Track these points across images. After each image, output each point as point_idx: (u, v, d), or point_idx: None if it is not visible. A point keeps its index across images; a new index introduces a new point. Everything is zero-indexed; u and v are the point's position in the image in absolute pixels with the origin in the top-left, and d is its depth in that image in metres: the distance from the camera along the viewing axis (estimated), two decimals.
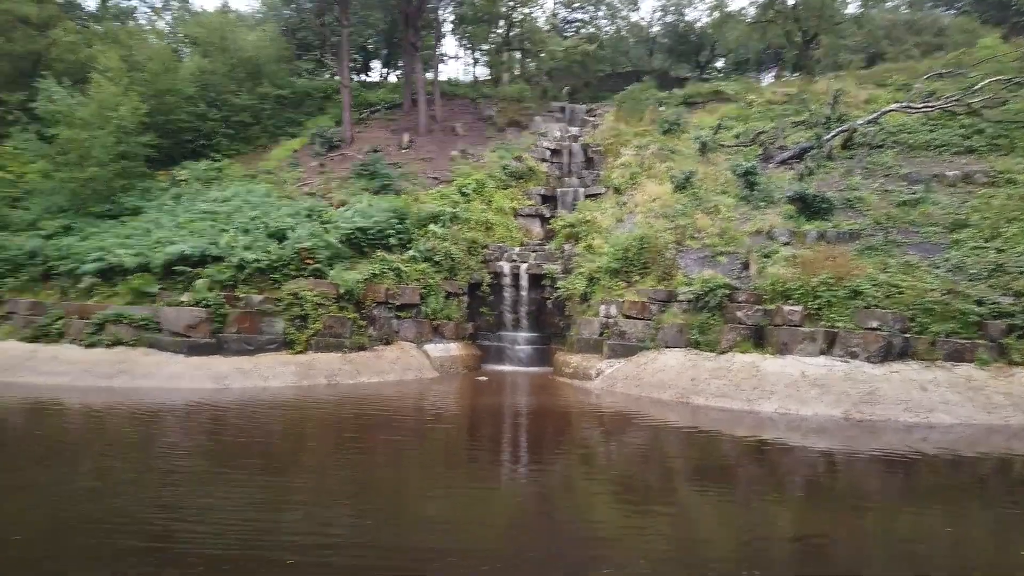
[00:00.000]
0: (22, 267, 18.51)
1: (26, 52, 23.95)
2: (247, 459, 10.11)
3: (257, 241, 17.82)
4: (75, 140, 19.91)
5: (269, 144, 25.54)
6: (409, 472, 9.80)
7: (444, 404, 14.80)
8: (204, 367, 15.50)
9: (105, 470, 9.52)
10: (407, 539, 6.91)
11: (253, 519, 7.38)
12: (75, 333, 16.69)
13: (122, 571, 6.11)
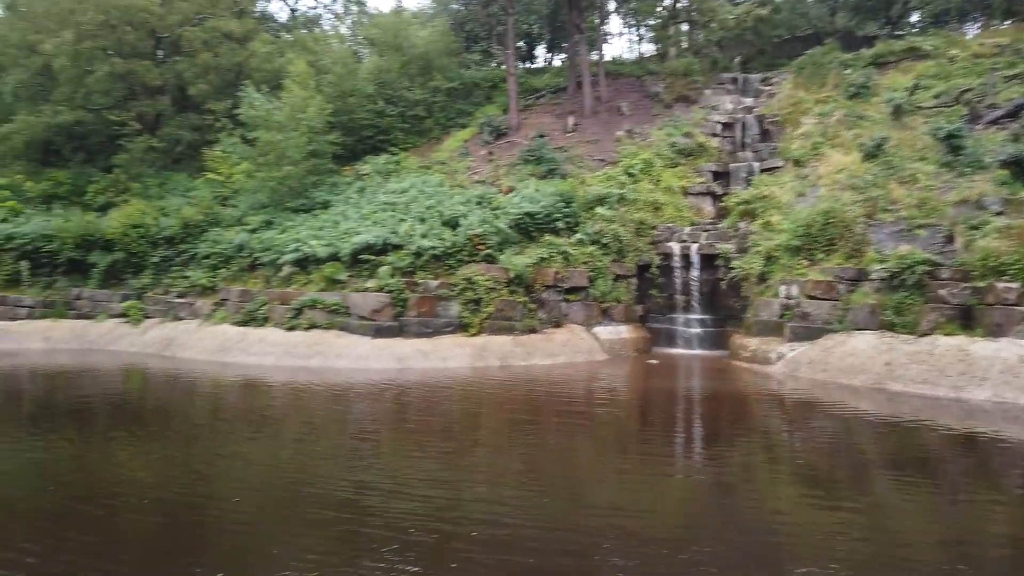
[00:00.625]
0: (232, 259, 20.70)
1: (230, 64, 26.59)
2: (429, 436, 10.62)
3: (433, 229, 18.64)
4: (272, 142, 21.85)
5: (441, 135, 26.56)
6: (582, 454, 9.83)
7: (616, 387, 14.71)
8: (388, 349, 16.50)
9: (305, 443, 10.40)
10: (580, 520, 6.93)
11: (436, 495, 7.73)
12: (277, 317, 18.41)
13: (319, 539, 6.64)
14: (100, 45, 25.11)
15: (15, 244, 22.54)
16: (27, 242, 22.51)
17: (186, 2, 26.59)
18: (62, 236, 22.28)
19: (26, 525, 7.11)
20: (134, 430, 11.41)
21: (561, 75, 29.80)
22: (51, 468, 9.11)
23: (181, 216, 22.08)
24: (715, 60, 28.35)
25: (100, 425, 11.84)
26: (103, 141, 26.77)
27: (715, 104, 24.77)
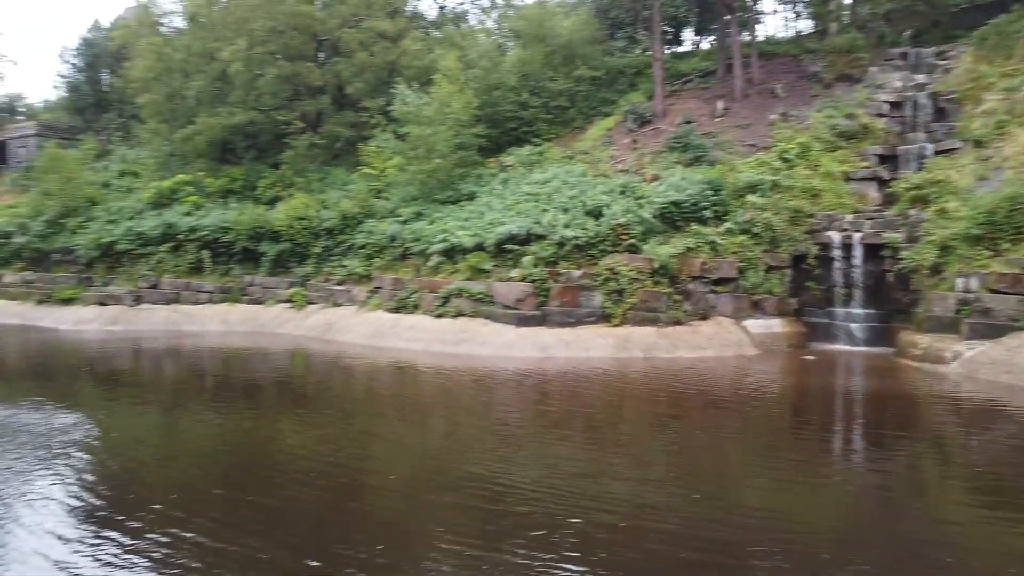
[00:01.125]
0: (385, 249, 21.73)
1: (384, 63, 27.84)
2: (572, 426, 10.63)
3: (575, 219, 18.60)
4: (422, 136, 22.65)
5: (584, 125, 26.41)
6: (731, 453, 9.46)
7: (767, 383, 14.03)
8: (531, 337, 16.68)
9: (452, 427, 10.74)
10: (730, 520, 6.65)
11: (581, 485, 7.71)
12: (427, 305, 19.13)
13: (466, 521, 6.81)
14: (269, 50, 27.09)
15: (198, 235, 24.93)
16: (207, 233, 24.83)
17: (344, 5, 28.11)
18: (237, 228, 24.35)
19: (203, 493, 7.83)
20: (298, 408, 12.28)
21: (710, 58, 28.73)
22: (227, 440, 9.99)
23: (340, 209, 23.46)
24: (882, 35, 26.19)
25: (269, 402, 12.84)
26: (271, 139, 28.94)
27: (881, 82, 22.88)
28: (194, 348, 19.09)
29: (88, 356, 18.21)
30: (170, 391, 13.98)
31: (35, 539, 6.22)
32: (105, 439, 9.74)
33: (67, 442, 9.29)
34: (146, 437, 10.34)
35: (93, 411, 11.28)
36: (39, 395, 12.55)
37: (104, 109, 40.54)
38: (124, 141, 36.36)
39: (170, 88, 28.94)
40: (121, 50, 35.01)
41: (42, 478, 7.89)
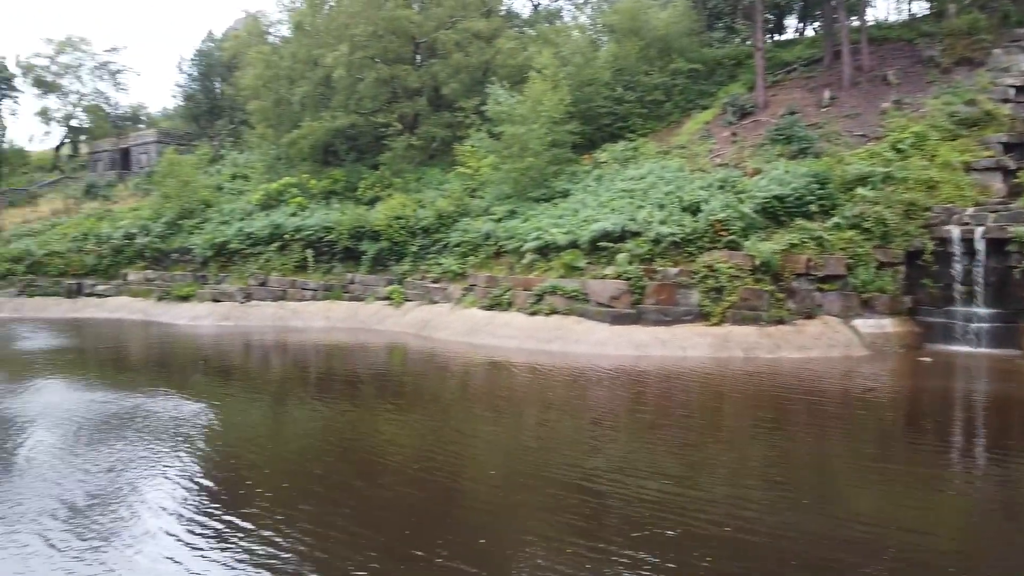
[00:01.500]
0: (480, 247, 21.97)
1: (479, 63, 28.17)
2: (669, 427, 10.41)
3: (672, 215, 18.21)
4: (515, 135, 22.75)
5: (681, 119, 25.84)
6: (837, 457, 9.01)
7: (878, 386, 13.28)
8: (626, 335, 16.46)
9: (546, 425, 10.72)
10: (838, 531, 6.29)
11: (678, 490, 7.53)
12: (520, 303, 19.21)
13: (560, 520, 6.77)
14: (369, 54, 27.92)
15: (303, 235, 26.01)
16: (311, 233, 25.86)
17: (440, 7, 28.61)
18: (339, 228, 25.24)
19: (309, 482, 8.12)
20: (397, 402, 12.59)
21: (815, 45, 27.52)
22: (331, 432, 10.35)
23: (436, 208, 23.91)
24: (1006, 14, 24.30)
25: (369, 396, 13.23)
26: (371, 141, 29.84)
27: (1007, 65, 21.23)
28: (299, 343, 19.92)
29: (204, 350, 19.33)
30: (279, 384, 14.64)
31: (158, 519, 6.64)
32: (221, 427, 10.30)
33: (190, 429, 9.88)
34: (257, 427, 10.87)
35: (211, 401, 11.93)
36: (165, 385, 13.40)
37: (217, 116, 42.90)
38: (235, 146, 38.36)
39: (277, 94, 30.29)
40: (232, 60, 36.96)
41: (167, 462, 8.41)
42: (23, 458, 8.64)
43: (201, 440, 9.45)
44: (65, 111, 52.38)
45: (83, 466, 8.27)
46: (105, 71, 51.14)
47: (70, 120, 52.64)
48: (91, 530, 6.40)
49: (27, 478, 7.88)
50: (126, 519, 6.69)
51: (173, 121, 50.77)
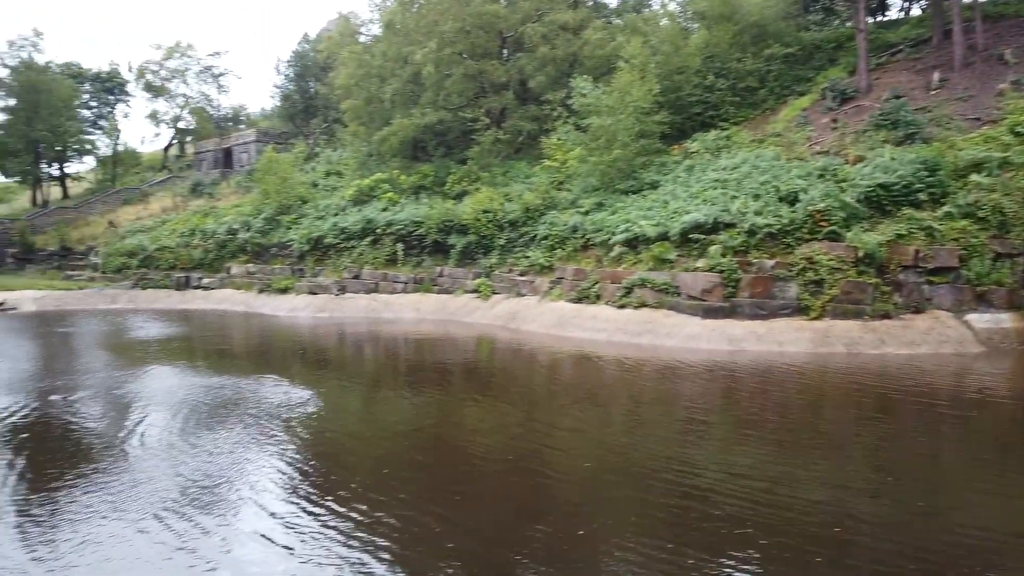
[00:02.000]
0: (567, 240, 21.89)
1: (565, 55, 28.02)
2: (765, 425, 10.07)
3: (768, 206, 17.62)
4: (602, 126, 22.52)
5: (776, 106, 24.94)
6: (950, 461, 8.51)
7: (994, 385, 12.44)
8: (719, 329, 16.04)
9: (634, 420, 10.57)
10: (952, 539, 5.93)
11: (776, 491, 7.27)
12: (608, 296, 19.04)
13: (650, 517, 6.65)
14: (457, 50, 28.25)
15: (393, 229, 26.63)
16: (402, 227, 26.45)
17: (527, 1, 28.60)
18: (428, 222, 25.69)
19: (398, 470, 8.30)
20: (486, 394, 12.71)
21: (922, 25, 25.97)
22: (421, 422, 10.55)
23: (522, 201, 23.98)
24: None
25: (458, 387, 13.41)
26: (458, 136, 30.22)
27: None
28: (391, 334, 20.41)
29: (303, 340, 20.09)
30: (373, 374, 15.06)
31: (266, 499, 6.95)
32: (322, 414, 10.68)
33: (294, 415, 10.30)
34: (354, 414, 11.22)
35: (312, 388, 12.39)
36: (271, 373, 14.00)
37: (312, 115, 44.44)
38: (329, 144, 39.66)
39: (368, 92, 31.08)
40: (326, 60, 38.17)
41: (275, 446, 8.78)
42: (143, 440, 9.20)
43: (304, 426, 9.83)
44: (173, 113, 55.49)
45: (198, 447, 8.75)
46: (209, 75, 53.88)
47: (177, 122, 55.72)
48: (205, 507, 6.76)
49: (147, 459, 8.40)
50: (237, 498, 7.03)
51: (271, 121, 52.94)
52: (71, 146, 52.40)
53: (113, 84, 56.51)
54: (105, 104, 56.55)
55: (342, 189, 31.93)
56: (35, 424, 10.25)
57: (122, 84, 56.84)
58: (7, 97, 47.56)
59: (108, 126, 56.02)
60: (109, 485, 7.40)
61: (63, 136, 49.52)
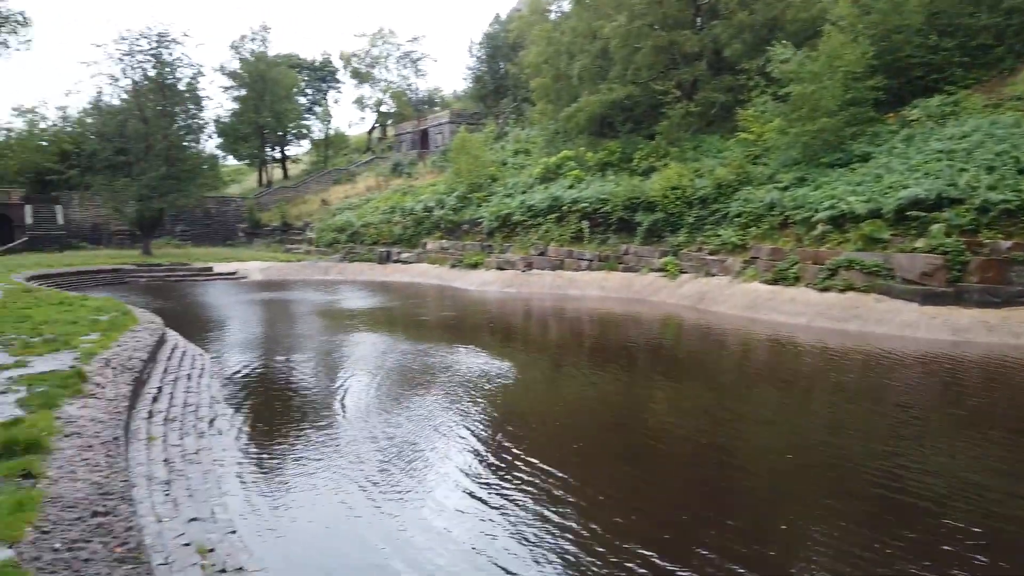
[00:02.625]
0: (763, 217, 20.70)
1: (764, 20, 26.30)
2: (996, 426, 8.89)
3: (1004, 179, 15.51)
4: (805, 94, 20.92)
5: (1016, 65, 21.73)
6: None
7: None
8: (940, 317, 14.44)
9: (837, 413, 9.77)
10: None
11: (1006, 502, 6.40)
12: (809, 277, 17.79)
13: (850, 518, 6.09)
14: (647, 21, 27.49)
15: (579, 207, 26.71)
16: (587, 205, 26.44)
17: None
18: (614, 199, 25.47)
19: (586, 447, 8.30)
20: (670, 376, 12.40)
21: None
22: (602, 400, 10.50)
23: (714, 177, 23.00)
24: None
25: (642, 367, 13.20)
26: (646, 111, 29.53)
27: None
28: (575, 311, 20.56)
29: (492, 313, 20.82)
30: (557, 349, 15.26)
31: (455, 464, 7.27)
32: (510, 385, 10.99)
33: (486, 385, 10.72)
34: (541, 389, 11.43)
35: (500, 360, 12.79)
36: (465, 343, 14.67)
37: (502, 95, 45.62)
38: (518, 123, 40.52)
39: (557, 70, 31.24)
40: (516, 40, 38.89)
41: (468, 414, 9.18)
42: (353, 401, 10.01)
43: (497, 395, 10.17)
44: (376, 98, 59.51)
45: (403, 410, 9.36)
46: (408, 60, 57.09)
47: (380, 106, 59.70)
48: (400, 469, 7.21)
49: (356, 420, 9.11)
50: (436, 461, 7.42)
51: (463, 102, 55.06)
52: (291, 131, 58.00)
53: (325, 73, 61.62)
54: (319, 91, 61.85)
55: (530, 167, 32.53)
56: (262, 380, 11.50)
57: (333, 72, 61.82)
58: (239, 87, 53.51)
59: (321, 112, 61.31)
60: (321, 442, 8.12)
61: (285, 122, 54.90)
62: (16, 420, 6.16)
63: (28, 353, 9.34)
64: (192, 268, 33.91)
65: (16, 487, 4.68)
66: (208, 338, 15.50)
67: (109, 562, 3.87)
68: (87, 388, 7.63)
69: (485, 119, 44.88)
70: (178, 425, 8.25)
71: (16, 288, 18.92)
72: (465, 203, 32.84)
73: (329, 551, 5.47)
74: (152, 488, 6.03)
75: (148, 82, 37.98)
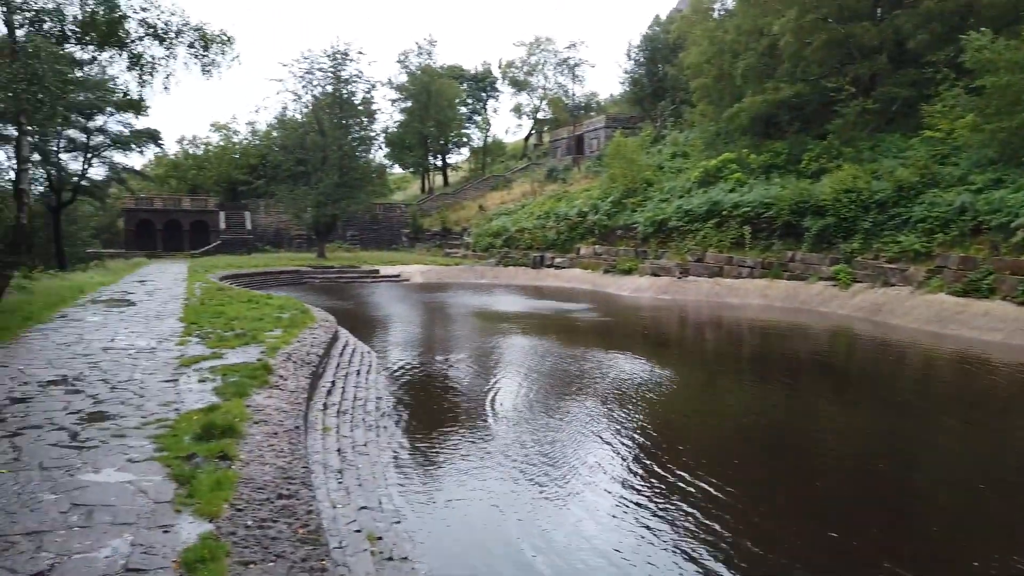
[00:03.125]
0: (951, 222, 18.84)
1: (955, 7, 23.94)
2: None
3: None
4: (1003, 86, 18.79)
5: None
6: None
7: None
8: None
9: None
10: None
11: None
12: (1006, 290, 15.97)
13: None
14: (821, 15, 25.91)
15: (740, 211, 25.65)
16: (749, 209, 25.34)
17: None
18: (779, 203, 24.21)
19: (745, 463, 7.88)
20: (840, 392, 11.55)
21: None
22: (761, 413, 9.94)
23: (894, 179, 21.24)
24: None
25: (807, 381, 12.40)
26: (817, 109, 27.81)
27: None
28: (734, 320, 19.73)
29: (646, 320, 20.46)
30: (717, 359, 14.71)
31: (604, 472, 7.16)
32: (666, 393, 10.72)
33: (640, 392, 10.53)
34: (698, 398, 11.05)
35: (656, 367, 12.52)
36: (620, 349, 14.51)
37: (660, 98, 44.83)
38: (675, 126, 39.62)
39: (719, 70, 30.22)
40: (676, 40, 38.07)
41: (620, 421, 9.06)
42: (509, 403, 10.18)
43: (652, 403, 9.95)
44: (533, 105, 60.58)
45: (557, 414, 9.41)
46: (565, 66, 57.54)
47: (536, 113, 60.70)
48: (552, 473, 7.21)
49: (510, 422, 9.26)
50: (582, 467, 7.36)
51: (620, 106, 54.69)
52: (452, 139, 60.37)
53: (485, 82, 63.54)
54: (478, 100, 63.89)
55: (687, 171, 31.70)
56: (423, 378, 12.00)
57: (492, 82, 63.63)
58: (406, 99, 56.44)
59: (480, 120, 63.31)
60: (476, 442, 8.32)
61: (447, 131, 57.23)
62: (213, 407, 6.83)
63: (222, 346, 10.33)
64: (360, 270, 36.14)
65: (215, 467, 5.18)
66: (374, 336, 16.44)
67: (293, 541, 4.17)
68: (272, 380, 8.31)
69: (642, 123, 44.29)
70: (349, 418, 8.78)
71: (211, 287, 21.03)
72: (619, 208, 32.57)
73: (481, 548, 5.60)
74: (327, 476, 6.45)
75: (326, 97, 40.99)
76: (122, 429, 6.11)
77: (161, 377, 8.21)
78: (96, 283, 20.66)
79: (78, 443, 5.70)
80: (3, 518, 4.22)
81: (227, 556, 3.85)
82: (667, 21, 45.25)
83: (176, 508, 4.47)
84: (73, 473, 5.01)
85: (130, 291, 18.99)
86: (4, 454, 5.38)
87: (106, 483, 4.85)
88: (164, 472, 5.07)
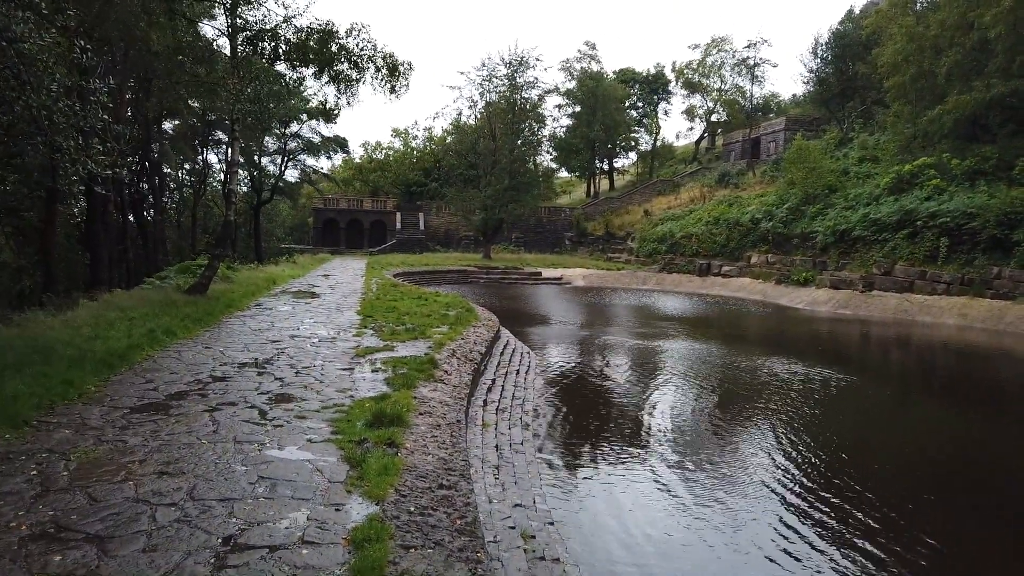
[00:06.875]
0: None
1: None
2: None
3: None
4: None
5: None
6: None
7: None
8: None
9: None
10: None
11: None
12: None
13: None
14: None
15: (937, 221, 23.29)
16: (949, 219, 22.93)
17: None
18: (984, 213, 21.74)
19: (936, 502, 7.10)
20: None
21: None
22: (952, 443, 8.91)
23: None
24: None
25: (1012, 412, 10.98)
26: None
27: None
28: (926, 340, 17.94)
29: (823, 335, 19.11)
30: (904, 383, 13.43)
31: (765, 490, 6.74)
32: (845, 415, 9.95)
33: (817, 408, 9.87)
34: (884, 425, 10.13)
35: (832, 385, 11.67)
36: (796, 362, 13.70)
37: (848, 98, 41.76)
38: (865, 128, 36.73)
39: (918, 68, 27.64)
40: (871, 37, 35.27)
41: (796, 435, 8.52)
42: (662, 413, 9.92)
43: (826, 424, 9.27)
44: (706, 108, 58.75)
45: (714, 428, 9.04)
46: (743, 67, 55.18)
47: (710, 115, 58.81)
48: (710, 488, 6.89)
49: (663, 433, 9.00)
50: (745, 485, 6.98)
51: (802, 107, 51.63)
52: (619, 143, 59.95)
53: (657, 85, 62.47)
54: (649, 103, 62.94)
55: (877, 176, 29.28)
56: (580, 382, 11.97)
57: (665, 84, 62.41)
58: (573, 104, 56.81)
59: (649, 123, 62.34)
60: (632, 450, 8.16)
61: (614, 135, 56.92)
62: (384, 396, 7.24)
63: (393, 339, 10.94)
64: (523, 272, 36.86)
65: (383, 453, 5.48)
66: (534, 336, 16.66)
67: (451, 531, 4.32)
68: (437, 374, 8.67)
69: (826, 125, 41.53)
70: (507, 415, 8.97)
71: (386, 283, 22.35)
72: (797, 215, 30.72)
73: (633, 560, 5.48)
74: (485, 470, 6.62)
75: (501, 103, 42.24)
76: (304, 411, 6.65)
77: (339, 365, 8.84)
78: (287, 276, 22.70)
79: (266, 421, 6.28)
80: (204, 485, 4.74)
81: (391, 539, 4.06)
82: (861, 15, 42.07)
83: (347, 488, 4.78)
84: (261, 449, 5.52)
85: (315, 284, 20.65)
86: (205, 427, 6.04)
87: (288, 460, 5.29)
88: (338, 454, 5.45)
